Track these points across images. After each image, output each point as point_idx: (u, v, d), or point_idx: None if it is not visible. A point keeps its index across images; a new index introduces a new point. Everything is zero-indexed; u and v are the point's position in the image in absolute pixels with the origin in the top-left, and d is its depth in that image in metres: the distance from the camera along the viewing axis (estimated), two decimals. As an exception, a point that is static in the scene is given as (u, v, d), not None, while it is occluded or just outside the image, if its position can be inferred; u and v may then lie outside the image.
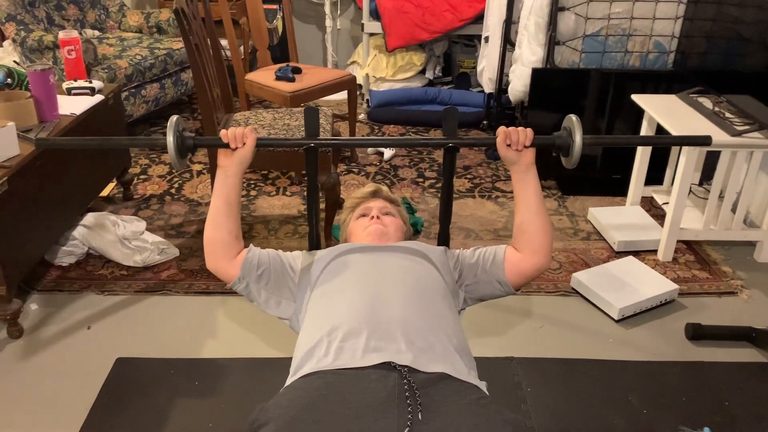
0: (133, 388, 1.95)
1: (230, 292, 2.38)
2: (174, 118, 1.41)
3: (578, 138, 1.40)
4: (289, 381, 1.26)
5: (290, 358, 1.39)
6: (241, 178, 1.47)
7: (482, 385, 1.28)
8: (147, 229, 2.67)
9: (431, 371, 1.20)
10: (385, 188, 1.75)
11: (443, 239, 1.66)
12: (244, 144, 1.43)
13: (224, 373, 2.01)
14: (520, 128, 1.42)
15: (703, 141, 1.50)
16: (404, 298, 1.33)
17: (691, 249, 2.70)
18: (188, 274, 2.49)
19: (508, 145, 1.43)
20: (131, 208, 2.96)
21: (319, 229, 1.72)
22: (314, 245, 1.64)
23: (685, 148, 2.44)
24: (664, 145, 2.94)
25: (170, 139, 1.40)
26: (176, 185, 3.18)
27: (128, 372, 2.01)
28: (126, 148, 2.86)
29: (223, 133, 1.43)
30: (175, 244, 2.64)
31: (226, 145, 1.44)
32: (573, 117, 1.41)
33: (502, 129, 1.43)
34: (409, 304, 1.32)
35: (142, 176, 3.27)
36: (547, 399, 1.94)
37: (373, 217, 1.63)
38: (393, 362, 1.19)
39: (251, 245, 1.52)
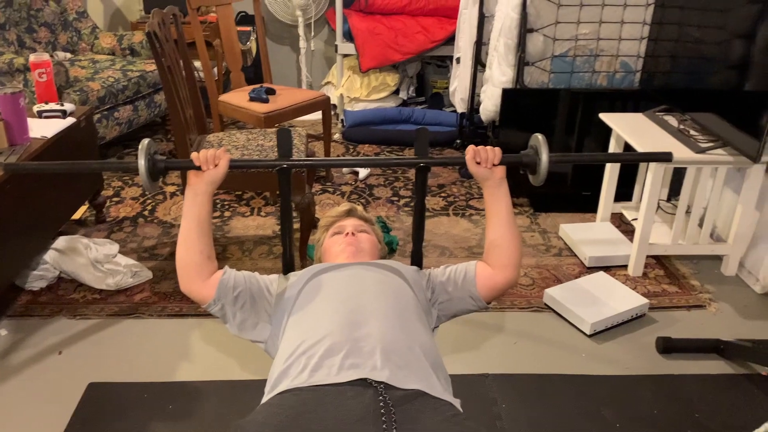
0: (105, 413, 1.92)
1: (205, 315, 2.37)
2: (145, 141, 1.41)
3: (544, 156, 1.44)
4: (265, 399, 1.26)
5: (266, 381, 1.39)
6: (211, 197, 1.47)
7: (456, 403, 1.29)
8: (120, 252, 2.65)
9: (407, 388, 1.21)
10: (359, 207, 1.77)
11: (416, 258, 1.68)
12: (216, 165, 1.43)
13: (199, 397, 1.99)
14: (489, 147, 1.46)
15: (665, 157, 1.54)
16: (380, 315, 1.34)
17: (661, 264, 2.76)
18: (162, 296, 2.47)
19: (478, 163, 1.47)
20: (104, 231, 2.93)
21: (293, 250, 1.73)
22: (288, 265, 1.65)
23: (651, 166, 2.50)
24: (627, 162, 3.00)
25: (141, 162, 1.40)
26: (149, 207, 3.17)
27: (101, 397, 1.99)
28: (97, 172, 2.84)
29: (195, 156, 1.44)
30: (149, 266, 2.62)
31: (199, 168, 1.44)
32: (539, 136, 1.45)
33: (471, 147, 1.47)
34: (385, 321, 1.33)
35: (114, 198, 3.25)
36: (522, 415, 1.96)
37: (347, 233, 1.65)
38: (369, 379, 1.20)
39: (227, 267, 1.52)
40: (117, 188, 3.36)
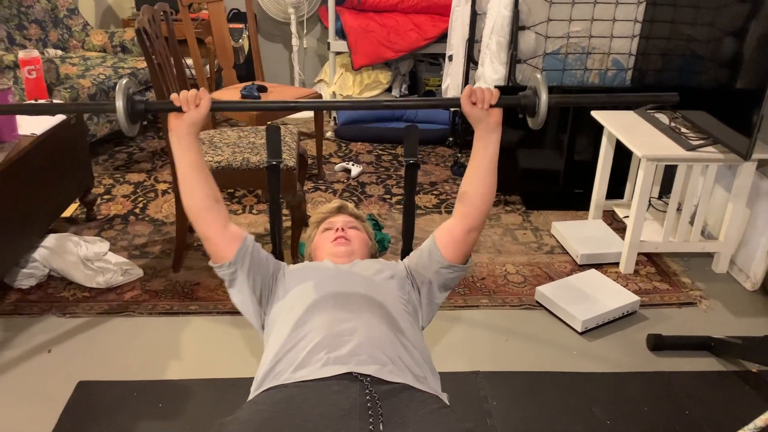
0: (95, 412, 1.91)
1: (194, 313, 2.36)
2: (123, 81, 1.32)
3: (544, 96, 1.35)
4: (250, 396, 1.26)
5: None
6: (196, 138, 1.38)
7: (444, 396, 1.29)
8: (110, 250, 2.63)
9: (394, 381, 1.20)
10: (350, 204, 1.77)
11: (407, 256, 1.67)
12: (198, 106, 1.35)
13: (188, 395, 1.99)
14: (486, 87, 1.39)
15: (670, 99, 1.46)
16: (366, 313, 1.34)
17: (652, 261, 2.76)
18: (152, 294, 2.46)
19: (474, 104, 1.38)
20: (94, 228, 2.92)
21: (283, 247, 1.73)
22: (278, 262, 1.64)
23: (642, 164, 2.50)
24: (631, 104, 2.87)
25: (119, 103, 1.30)
26: (140, 205, 3.15)
27: (90, 395, 1.98)
28: (71, 113, 2.63)
29: (174, 97, 1.35)
30: (139, 264, 2.61)
31: (179, 109, 1.35)
32: (538, 75, 1.38)
33: (468, 87, 1.39)
34: (371, 318, 1.32)
35: (105, 196, 3.23)
36: (512, 412, 1.96)
37: (337, 229, 1.64)
38: (355, 372, 1.19)
39: (246, 232, 1.48)
40: (108, 186, 3.34)
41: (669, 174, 2.90)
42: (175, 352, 2.18)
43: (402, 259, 1.64)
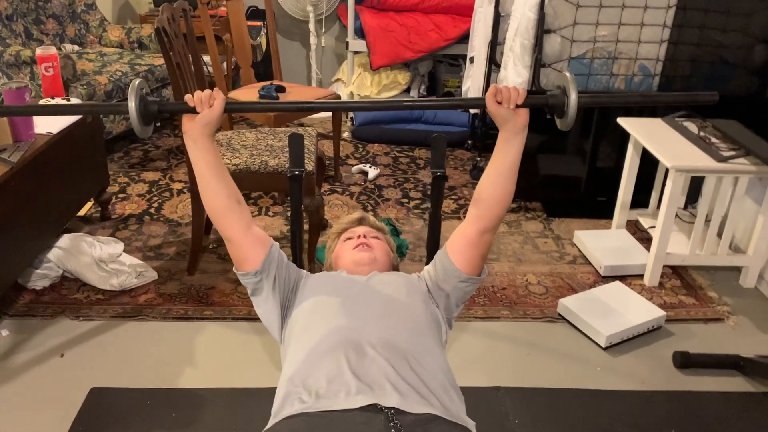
0: (107, 420, 1.87)
1: (210, 318, 2.32)
2: (136, 81, 1.28)
3: (573, 96, 1.27)
4: (270, 423, 1.20)
5: (273, 389, 1.33)
6: (211, 139, 1.34)
7: (471, 425, 1.23)
8: (125, 251, 2.60)
9: (419, 412, 1.15)
10: (371, 216, 1.71)
11: (429, 270, 1.61)
12: (211, 106, 1.31)
13: (203, 405, 1.94)
14: (512, 86, 1.32)
15: (709, 98, 1.39)
16: (389, 335, 1.28)
17: (677, 273, 2.69)
18: (166, 298, 2.41)
19: (499, 103, 1.31)
20: (109, 228, 2.88)
21: (303, 256, 1.68)
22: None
23: (671, 174, 2.43)
24: (668, 104, 2.77)
25: (132, 104, 1.26)
26: (155, 205, 3.11)
27: (103, 403, 1.94)
28: (84, 114, 2.56)
29: (188, 97, 1.31)
30: (154, 266, 2.57)
31: (193, 110, 1.31)
32: (567, 74, 1.31)
33: (493, 85, 1.32)
34: (394, 345, 1.26)
35: (120, 195, 3.19)
36: (534, 431, 1.90)
37: (359, 236, 1.59)
38: (379, 404, 1.14)
39: (272, 239, 1.44)
40: (123, 184, 3.31)
41: (695, 183, 2.82)
42: (189, 359, 2.14)
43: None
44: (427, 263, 1.63)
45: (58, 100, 2.58)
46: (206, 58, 3.64)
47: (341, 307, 1.35)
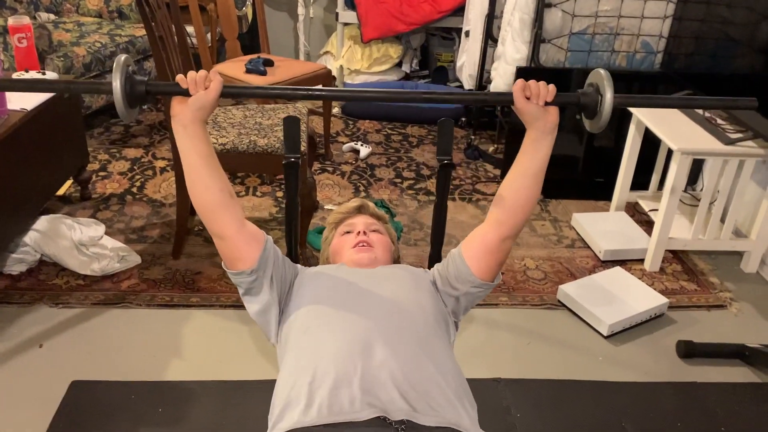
0: (89, 416, 1.78)
1: (196, 305, 2.22)
2: (122, 57, 1.14)
3: (609, 95, 1.17)
4: (269, 433, 1.11)
5: (266, 381, 1.25)
6: (203, 125, 1.21)
7: (485, 437, 1.15)
8: (106, 234, 2.48)
9: (430, 425, 1.06)
10: (371, 204, 1.60)
11: (434, 262, 1.52)
12: (207, 88, 1.17)
13: (191, 399, 1.85)
14: (541, 82, 1.22)
15: (749, 104, 1.30)
16: (396, 338, 1.18)
17: (678, 258, 2.62)
18: (150, 284, 2.30)
19: (527, 98, 1.21)
20: (89, 209, 2.75)
21: (298, 248, 1.57)
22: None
23: (676, 157, 2.35)
24: (705, 108, 2.65)
25: (117, 84, 1.12)
26: (138, 183, 2.98)
27: (84, 397, 1.84)
28: (60, 92, 2.42)
29: (181, 78, 1.17)
30: (137, 250, 2.45)
31: (186, 92, 1.18)
32: (602, 71, 1.21)
33: (520, 80, 1.22)
34: (402, 348, 1.17)
35: (101, 173, 3.05)
36: (537, 425, 1.84)
37: (359, 232, 1.48)
38: (387, 417, 1.05)
39: (265, 234, 1.31)
40: (104, 162, 3.16)
41: (695, 164, 2.74)
42: (175, 350, 2.04)
43: (429, 267, 1.49)
44: (431, 258, 1.54)
45: (33, 74, 2.43)
46: (190, 29, 3.47)
47: (344, 306, 1.25)
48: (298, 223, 1.47)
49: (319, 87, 1.81)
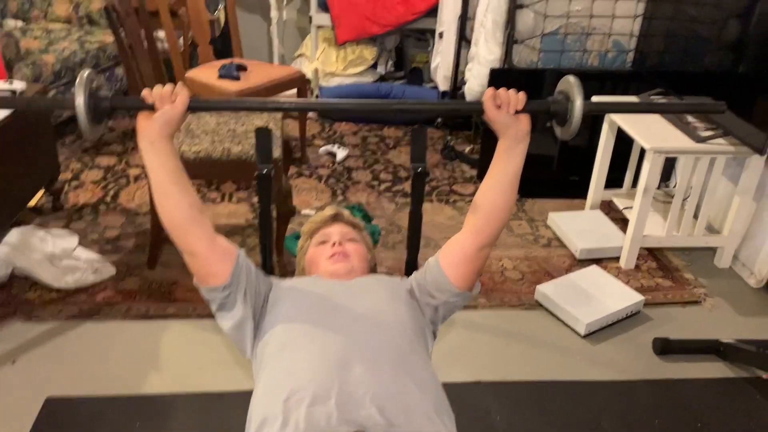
0: (65, 433, 1.75)
1: (173, 316, 2.19)
2: (85, 72, 1.12)
3: (578, 102, 1.18)
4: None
5: (245, 392, 1.24)
6: (170, 140, 1.19)
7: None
8: (80, 244, 2.44)
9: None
10: (346, 212, 1.59)
11: (411, 269, 1.51)
12: (173, 103, 1.16)
13: (170, 412, 1.83)
14: (511, 90, 1.22)
15: (718, 108, 1.34)
16: (372, 353, 1.18)
17: (653, 255, 2.65)
18: (126, 295, 2.28)
19: (498, 107, 1.20)
20: (62, 219, 2.71)
21: (273, 258, 1.56)
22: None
23: (649, 156, 2.37)
24: (674, 113, 2.69)
25: (80, 100, 1.10)
26: (111, 192, 2.94)
27: (60, 414, 1.81)
28: (21, 109, 2.34)
29: (146, 93, 1.16)
30: (111, 261, 2.42)
31: (151, 107, 1.16)
32: (571, 78, 1.21)
33: (490, 89, 1.22)
34: (379, 364, 1.16)
35: (73, 182, 3.01)
36: (518, 427, 1.84)
37: (334, 243, 1.47)
38: (365, 434, 1.05)
39: (237, 247, 1.29)
40: (76, 171, 3.11)
41: (668, 162, 2.77)
42: (153, 362, 2.02)
43: (407, 274, 1.49)
44: (407, 265, 1.53)
45: (0, 84, 2.38)
46: (161, 34, 3.44)
47: (320, 322, 1.24)
48: (273, 233, 1.46)
49: (290, 99, 1.76)
